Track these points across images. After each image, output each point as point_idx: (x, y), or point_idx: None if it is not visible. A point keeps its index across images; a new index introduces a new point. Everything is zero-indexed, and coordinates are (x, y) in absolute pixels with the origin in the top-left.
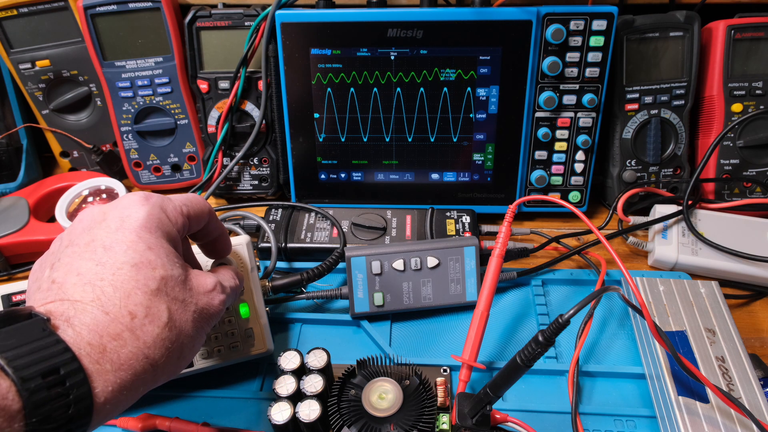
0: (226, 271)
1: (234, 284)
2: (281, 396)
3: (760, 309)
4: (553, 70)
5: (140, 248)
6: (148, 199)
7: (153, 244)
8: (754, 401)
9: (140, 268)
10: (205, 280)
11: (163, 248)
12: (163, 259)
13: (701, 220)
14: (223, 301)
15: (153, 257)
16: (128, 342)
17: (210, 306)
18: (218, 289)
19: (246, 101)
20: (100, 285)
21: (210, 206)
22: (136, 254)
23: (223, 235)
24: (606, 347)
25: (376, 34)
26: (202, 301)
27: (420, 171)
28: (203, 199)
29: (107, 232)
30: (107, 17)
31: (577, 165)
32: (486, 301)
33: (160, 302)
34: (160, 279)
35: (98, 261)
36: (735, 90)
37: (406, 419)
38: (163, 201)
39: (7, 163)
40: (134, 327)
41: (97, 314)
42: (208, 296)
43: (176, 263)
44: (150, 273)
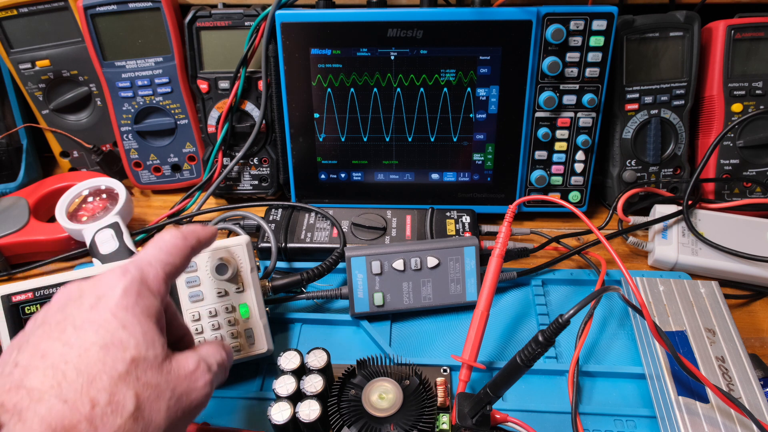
0: (211, 346)
1: (221, 359)
2: (281, 396)
3: (760, 309)
4: (553, 70)
5: (112, 327)
6: (126, 273)
7: (129, 322)
8: (754, 401)
9: (109, 349)
10: (186, 360)
11: (141, 326)
12: (137, 339)
13: (701, 220)
14: (209, 383)
15: (126, 337)
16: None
17: (191, 390)
18: (202, 369)
19: (246, 101)
20: (63, 369)
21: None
22: (107, 334)
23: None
24: (606, 347)
25: (376, 34)
26: (181, 387)
27: (420, 171)
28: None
29: (80, 311)
30: (107, 17)
31: (577, 165)
32: (486, 301)
33: (127, 388)
34: (131, 361)
35: (66, 341)
36: (735, 90)
37: (406, 419)
38: (144, 271)
39: (7, 163)
40: (93, 417)
41: (54, 404)
42: (189, 379)
43: (154, 343)
44: (119, 354)
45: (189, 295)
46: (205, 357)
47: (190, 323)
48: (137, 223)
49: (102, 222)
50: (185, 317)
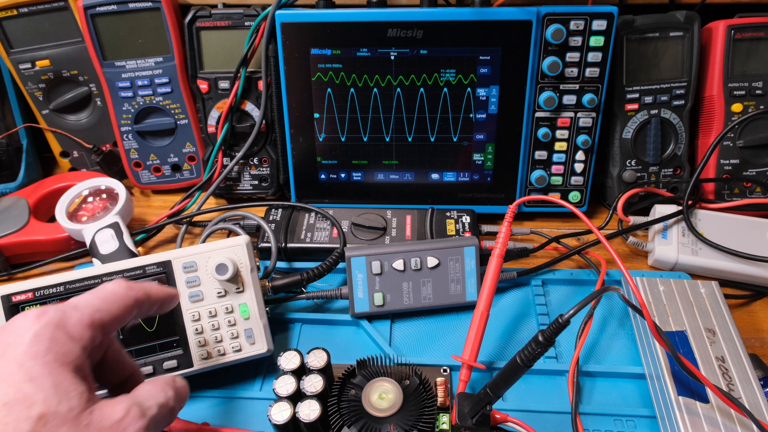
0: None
1: (162, 400)
2: (281, 396)
3: (760, 309)
4: (553, 70)
5: (17, 381)
6: (41, 317)
7: (37, 373)
8: (754, 401)
9: (12, 406)
10: (113, 408)
11: (51, 377)
12: (46, 392)
13: (701, 220)
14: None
15: (32, 390)
16: None
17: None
18: (133, 416)
19: (246, 101)
20: None
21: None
22: (11, 389)
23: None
24: (606, 347)
25: (376, 34)
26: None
27: (420, 171)
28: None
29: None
30: (107, 17)
31: (577, 165)
32: (486, 301)
33: None
34: (38, 419)
35: None
36: (735, 90)
37: (406, 419)
38: (64, 315)
39: (7, 163)
40: None
41: None
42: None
43: (69, 393)
44: (23, 412)
45: (189, 295)
46: (142, 401)
47: (189, 323)
48: (137, 223)
49: (102, 222)
50: (185, 317)
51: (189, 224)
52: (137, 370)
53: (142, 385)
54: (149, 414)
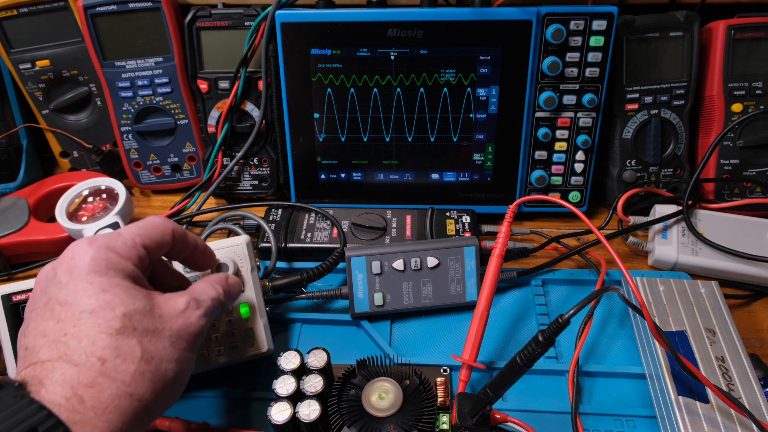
0: (203, 284)
1: (214, 294)
2: (281, 396)
3: (760, 309)
4: (553, 70)
5: (94, 293)
6: (92, 243)
7: (106, 285)
8: (754, 401)
9: (99, 312)
10: (176, 301)
11: (119, 285)
12: (121, 296)
13: (701, 220)
14: (202, 316)
15: (110, 298)
16: (105, 386)
17: (187, 325)
18: (192, 306)
19: (246, 101)
20: (64, 340)
21: (173, 225)
22: (92, 300)
23: (198, 250)
24: (606, 347)
25: (376, 34)
26: (176, 324)
27: (420, 171)
28: (162, 221)
29: (59, 288)
30: (107, 17)
31: (577, 165)
32: (486, 301)
33: (128, 339)
34: (123, 316)
35: (58, 318)
36: (735, 90)
37: (406, 419)
38: (110, 239)
39: (7, 163)
40: (107, 370)
41: (67, 369)
42: (183, 317)
43: (137, 296)
44: (110, 314)
45: None
46: (196, 295)
47: None
48: None
49: (102, 222)
50: None
51: (189, 224)
52: (185, 279)
53: (197, 283)
54: (204, 305)
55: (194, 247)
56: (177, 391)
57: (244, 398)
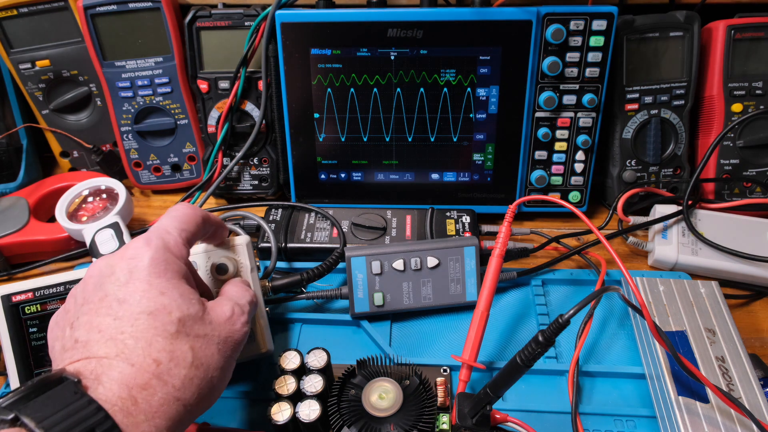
0: (237, 289)
1: (249, 298)
2: (281, 396)
3: (760, 309)
4: (553, 70)
5: (153, 295)
6: (150, 242)
7: (165, 287)
8: (754, 401)
9: (156, 315)
10: (222, 308)
11: (177, 289)
12: (177, 301)
13: (701, 220)
14: (245, 323)
15: (167, 301)
16: (157, 389)
17: (233, 333)
18: (237, 313)
19: (246, 101)
20: (122, 338)
21: (201, 211)
22: (150, 302)
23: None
24: (606, 347)
25: (376, 34)
26: (224, 331)
27: (420, 171)
28: (193, 210)
29: (118, 286)
30: (107, 17)
31: (577, 165)
32: (486, 301)
33: (182, 344)
34: (178, 321)
35: (115, 315)
36: (735, 90)
37: (406, 419)
38: (165, 238)
39: (7, 163)
40: (161, 373)
41: (124, 367)
42: (229, 323)
43: (192, 300)
44: (167, 318)
45: None
46: (237, 300)
47: None
48: (137, 223)
49: (102, 222)
50: None
51: None
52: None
53: (229, 288)
54: (246, 310)
55: (215, 226)
56: (217, 396)
57: (244, 398)
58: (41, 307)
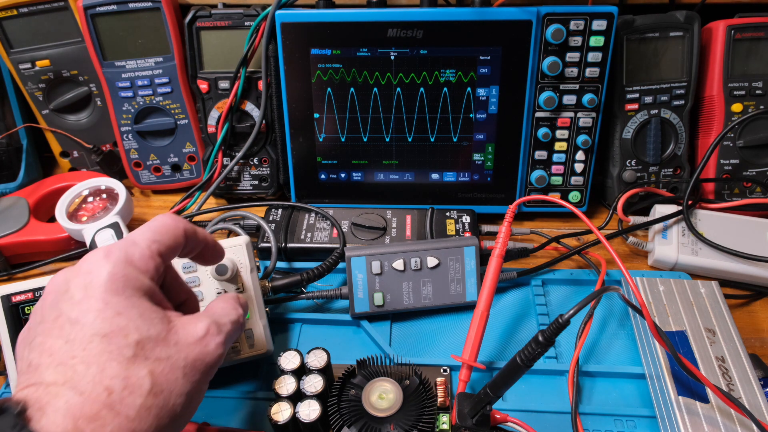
0: (223, 304)
1: (235, 317)
2: (281, 396)
3: (760, 309)
4: (553, 70)
5: (108, 315)
6: (109, 255)
7: (122, 306)
8: (754, 401)
9: (111, 337)
10: (195, 327)
11: (136, 308)
12: (136, 322)
13: (701, 220)
14: (222, 343)
15: (124, 322)
16: (108, 420)
17: (204, 355)
18: (212, 332)
19: (246, 101)
20: (72, 363)
21: (184, 224)
22: (105, 323)
23: (208, 246)
24: (606, 347)
25: (376, 34)
26: (193, 353)
27: (420, 171)
28: (173, 221)
29: (71, 305)
30: (107, 17)
31: (577, 165)
32: (486, 301)
33: (139, 369)
34: (136, 344)
35: (67, 338)
36: (735, 90)
37: (406, 419)
38: (128, 250)
39: (7, 163)
40: (113, 403)
41: (71, 396)
42: (201, 344)
43: (153, 320)
44: (123, 341)
45: None
46: (217, 318)
47: None
48: (137, 223)
49: (102, 222)
50: None
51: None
52: (192, 293)
53: (215, 304)
54: (225, 330)
55: (204, 244)
56: (181, 426)
57: (244, 398)
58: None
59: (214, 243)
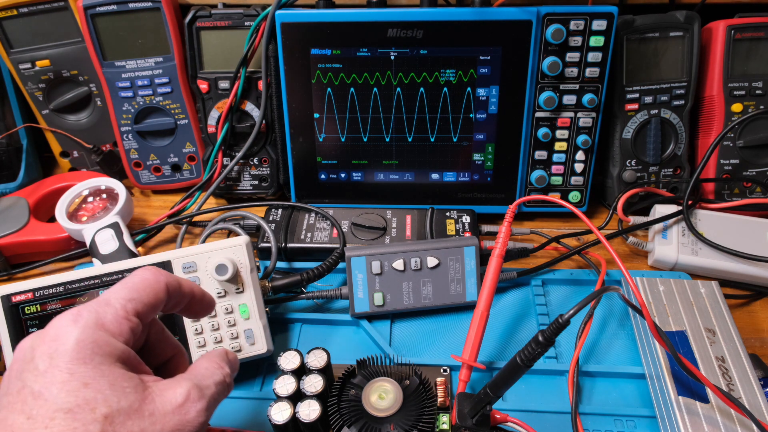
0: (207, 364)
1: (219, 377)
2: (281, 396)
3: (760, 309)
4: (553, 70)
5: (73, 387)
6: (78, 320)
7: (90, 377)
8: (754, 401)
9: (76, 413)
10: (173, 393)
11: (105, 377)
12: (105, 393)
13: (701, 220)
14: (203, 410)
15: (91, 395)
16: None
17: (183, 424)
18: (193, 398)
19: (246, 101)
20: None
21: (166, 278)
22: (70, 396)
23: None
24: (606, 347)
25: (376, 34)
26: (170, 423)
27: (420, 171)
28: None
29: (35, 375)
30: (107, 17)
31: (577, 165)
32: (486, 301)
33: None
34: (104, 419)
35: (28, 413)
36: (735, 90)
37: (406, 419)
38: (99, 313)
39: (7, 163)
40: None
41: None
42: (179, 413)
43: (126, 389)
44: (89, 416)
45: None
46: (199, 381)
47: (189, 324)
48: (137, 223)
49: (102, 222)
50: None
51: (189, 224)
52: (180, 348)
53: (199, 363)
54: (208, 393)
55: (191, 297)
56: None
57: (244, 398)
58: (41, 308)
59: (202, 294)
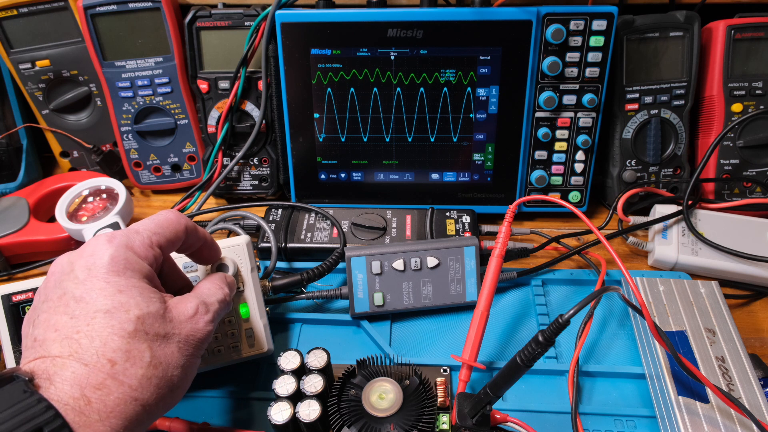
0: (210, 285)
1: (221, 296)
2: (281, 396)
3: (760, 309)
4: (553, 70)
5: (110, 293)
6: (112, 240)
7: (123, 285)
8: (754, 401)
9: (113, 313)
10: (186, 306)
11: (135, 287)
12: (136, 299)
13: (701, 220)
14: (209, 321)
15: (125, 299)
16: (113, 389)
17: (195, 331)
18: (201, 311)
19: (246, 101)
20: (77, 338)
21: (186, 221)
22: (107, 300)
23: (206, 244)
24: (606, 347)
25: (376, 34)
26: (185, 330)
27: (420, 171)
28: (176, 217)
29: (76, 284)
30: (107, 17)
31: (577, 165)
32: (486, 301)
33: (139, 343)
34: (136, 319)
35: (71, 314)
36: (735, 90)
37: (406, 419)
38: (129, 238)
39: (7, 163)
40: (116, 373)
41: (77, 367)
42: (192, 322)
43: (152, 299)
44: (124, 316)
45: None
46: (204, 298)
47: None
48: None
49: (102, 222)
50: None
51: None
52: (188, 281)
53: (202, 284)
54: (212, 309)
55: (204, 242)
56: (179, 396)
57: (244, 398)
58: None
59: (212, 242)
